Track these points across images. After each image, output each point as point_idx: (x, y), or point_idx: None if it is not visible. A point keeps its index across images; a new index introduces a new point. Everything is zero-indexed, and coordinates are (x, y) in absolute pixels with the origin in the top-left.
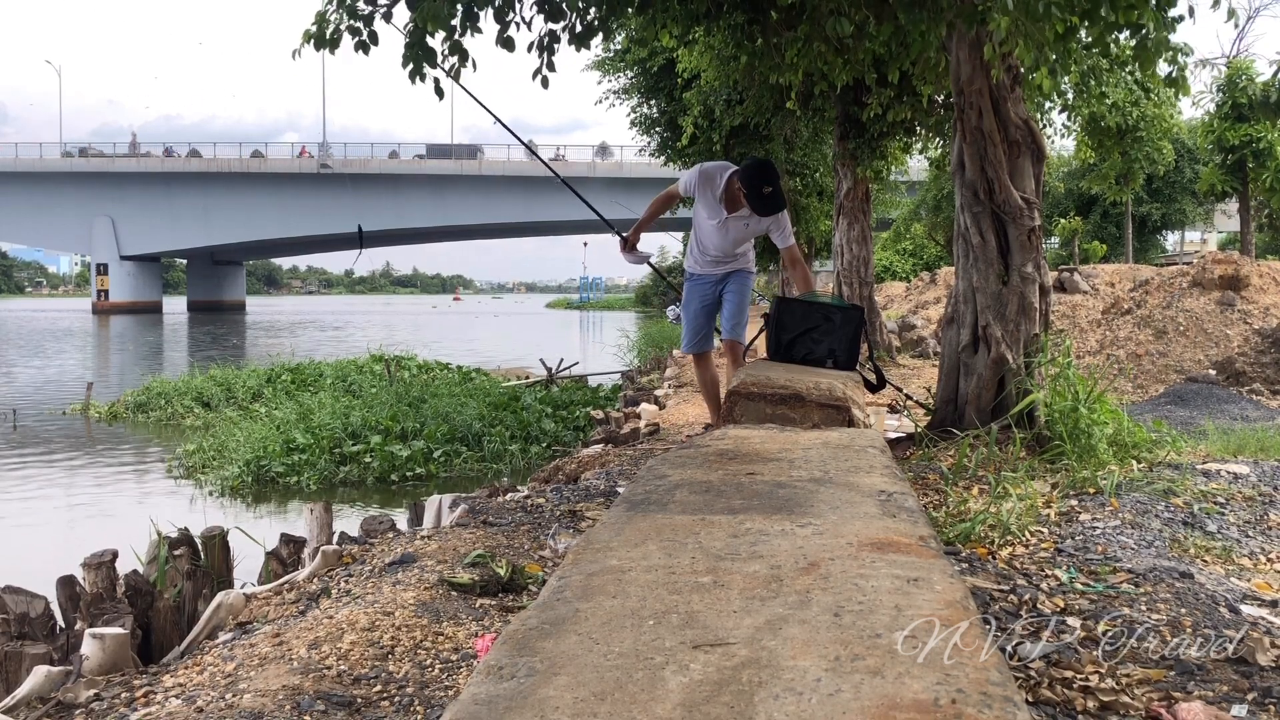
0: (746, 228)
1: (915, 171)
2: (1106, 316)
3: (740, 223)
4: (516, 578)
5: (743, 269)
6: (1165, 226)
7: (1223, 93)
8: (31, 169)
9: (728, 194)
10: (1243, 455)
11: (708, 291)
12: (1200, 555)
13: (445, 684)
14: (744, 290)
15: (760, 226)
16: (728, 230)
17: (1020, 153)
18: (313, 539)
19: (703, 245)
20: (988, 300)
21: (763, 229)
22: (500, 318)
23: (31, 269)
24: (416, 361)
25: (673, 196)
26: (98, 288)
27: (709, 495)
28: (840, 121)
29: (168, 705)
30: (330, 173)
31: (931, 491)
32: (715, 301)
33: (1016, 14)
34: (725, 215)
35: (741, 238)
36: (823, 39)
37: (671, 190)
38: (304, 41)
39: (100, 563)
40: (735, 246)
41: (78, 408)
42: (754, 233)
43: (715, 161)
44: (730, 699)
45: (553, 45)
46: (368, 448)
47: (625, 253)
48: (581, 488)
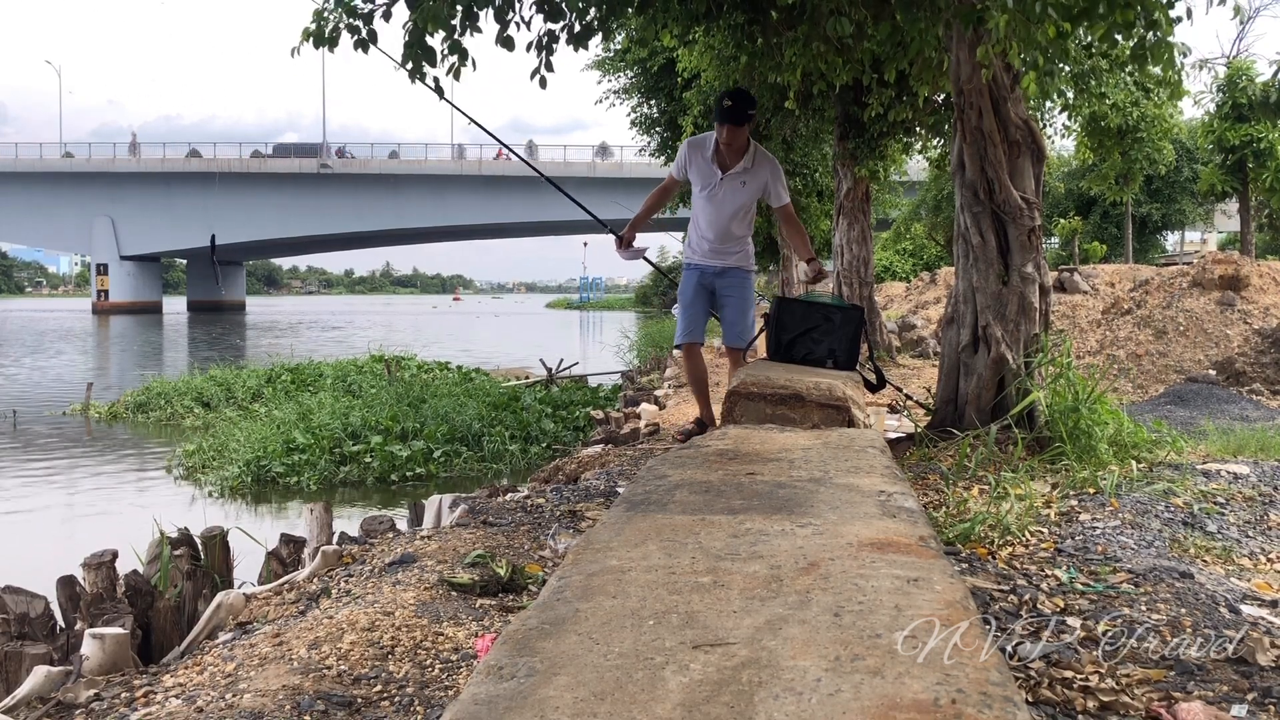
0: (744, 187)
1: (915, 171)
2: (1106, 316)
3: (736, 182)
4: (516, 578)
5: (742, 266)
6: (1165, 227)
7: (1223, 93)
8: (31, 169)
9: (717, 150)
10: (1243, 455)
11: (705, 281)
12: (1200, 555)
13: (445, 684)
14: (745, 294)
15: (756, 183)
16: (724, 197)
17: (1020, 153)
18: (313, 539)
19: (700, 229)
20: (988, 300)
21: (760, 186)
22: (500, 318)
23: (31, 269)
24: (416, 361)
25: (668, 187)
26: (98, 288)
27: (709, 495)
28: (840, 121)
29: (168, 705)
30: (330, 173)
31: (931, 491)
32: (711, 294)
33: (1014, 13)
34: (720, 176)
35: (739, 204)
36: (822, 39)
37: (667, 181)
38: (303, 39)
39: (100, 563)
40: (733, 219)
41: (78, 408)
42: (752, 194)
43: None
44: (730, 699)
45: (551, 45)
46: (368, 448)
47: (621, 249)
48: (581, 488)
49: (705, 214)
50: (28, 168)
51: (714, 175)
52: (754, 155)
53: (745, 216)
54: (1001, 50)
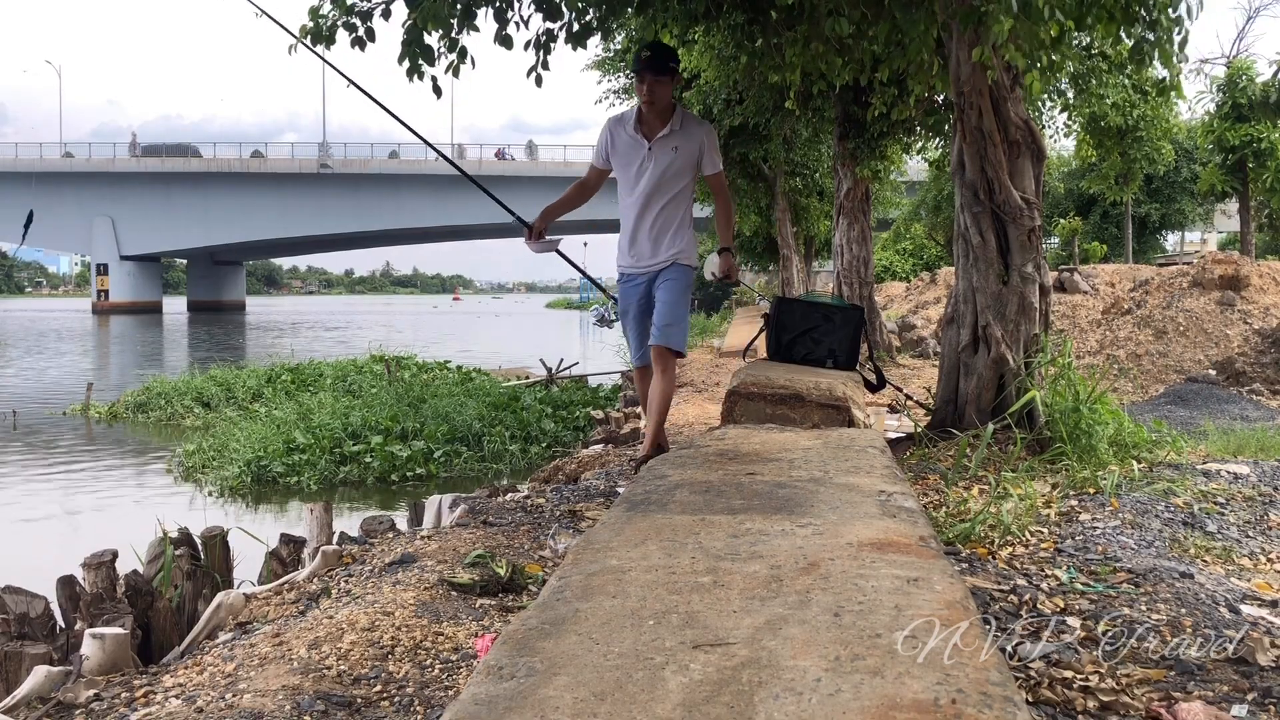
0: (676, 153)
1: (915, 171)
2: (1106, 316)
3: (667, 148)
4: (516, 578)
5: (677, 262)
6: (1165, 227)
7: (1223, 93)
8: (31, 169)
9: (640, 119)
10: (1243, 455)
11: (642, 292)
12: (1200, 555)
13: (445, 684)
14: (677, 285)
15: (690, 146)
16: (655, 170)
17: (1020, 153)
18: (313, 539)
19: (631, 225)
20: (988, 300)
21: (694, 151)
22: (500, 318)
23: (31, 269)
24: (416, 361)
25: (588, 181)
26: (98, 288)
27: (709, 495)
28: (840, 121)
29: (168, 705)
30: (330, 173)
31: (931, 491)
32: (650, 302)
33: (1019, 15)
34: (647, 146)
35: (673, 177)
36: (822, 39)
37: (588, 173)
38: (300, 37)
39: (100, 563)
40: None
41: (78, 408)
42: (686, 161)
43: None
44: (730, 699)
45: (549, 44)
46: (368, 448)
47: (530, 241)
48: (581, 488)
49: (636, 202)
50: (28, 168)
51: (640, 147)
52: (681, 117)
53: (682, 195)
54: (1005, 51)
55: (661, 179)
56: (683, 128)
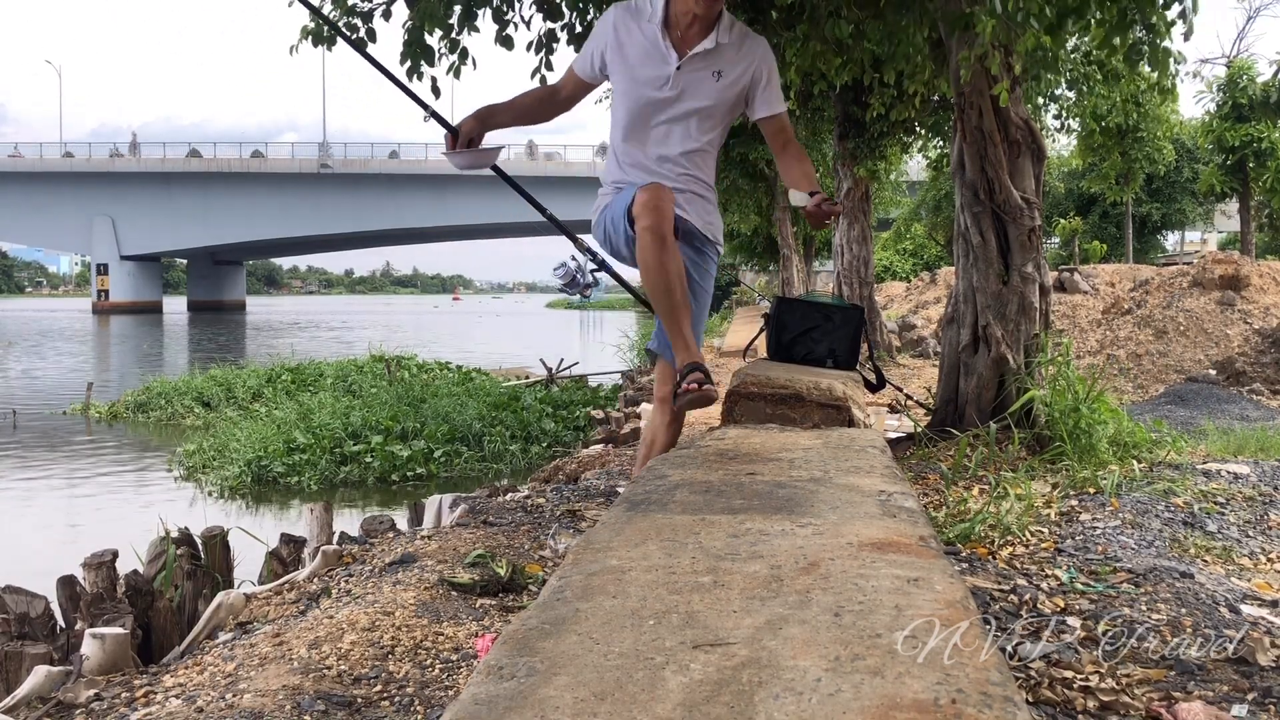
0: (717, 80)
1: (915, 171)
2: (1106, 316)
3: (705, 72)
4: (516, 578)
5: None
6: (1165, 226)
7: (1223, 93)
8: (31, 169)
9: (669, 22)
10: (1243, 455)
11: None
12: (1200, 555)
13: (445, 684)
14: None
15: (740, 73)
16: (680, 105)
17: (1020, 153)
18: (313, 539)
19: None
20: (988, 300)
21: (744, 82)
22: (501, 317)
23: (31, 269)
24: (417, 361)
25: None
26: (98, 288)
27: (709, 495)
28: (840, 121)
29: (168, 705)
30: (330, 173)
31: (931, 491)
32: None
33: (1000, 20)
34: (675, 62)
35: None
36: (821, 39)
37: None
38: (301, 38)
39: (100, 563)
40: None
41: (78, 408)
42: (729, 94)
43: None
44: (730, 699)
45: (551, 45)
46: (368, 448)
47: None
48: (581, 488)
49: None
50: (28, 168)
51: (663, 61)
52: (731, 28)
53: (709, 149)
54: (983, 53)
55: (688, 118)
56: (733, 42)
